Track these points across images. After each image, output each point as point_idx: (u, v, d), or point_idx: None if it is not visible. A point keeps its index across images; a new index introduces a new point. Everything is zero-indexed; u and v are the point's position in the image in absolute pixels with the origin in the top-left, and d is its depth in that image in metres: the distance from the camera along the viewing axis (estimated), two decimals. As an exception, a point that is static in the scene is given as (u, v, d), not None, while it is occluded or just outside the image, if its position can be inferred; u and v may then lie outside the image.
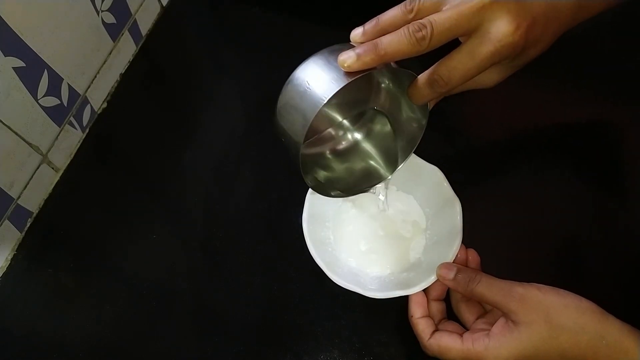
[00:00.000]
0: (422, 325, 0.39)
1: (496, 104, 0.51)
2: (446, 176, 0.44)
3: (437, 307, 0.41)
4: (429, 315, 0.40)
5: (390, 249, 0.46)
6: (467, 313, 0.40)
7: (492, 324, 0.37)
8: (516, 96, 0.50)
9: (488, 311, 0.40)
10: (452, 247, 0.41)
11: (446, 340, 0.37)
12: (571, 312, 0.34)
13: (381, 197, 0.45)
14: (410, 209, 0.47)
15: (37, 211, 0.52)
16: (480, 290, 0.37)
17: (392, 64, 0.35)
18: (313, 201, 0.44)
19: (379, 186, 0.44)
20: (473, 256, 0.42)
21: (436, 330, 0.39)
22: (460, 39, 0.35)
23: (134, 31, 0.59)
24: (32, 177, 0.50)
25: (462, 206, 0.43)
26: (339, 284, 0.40)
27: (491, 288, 0.36)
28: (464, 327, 0.40)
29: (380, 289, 0.41)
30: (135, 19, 0.59)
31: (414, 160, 0.44)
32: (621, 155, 0.50)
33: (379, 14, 0.36)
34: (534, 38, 0.35)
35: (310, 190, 0.44)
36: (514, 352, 0.34)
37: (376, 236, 0.46)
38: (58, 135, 0.52)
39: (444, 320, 0.41)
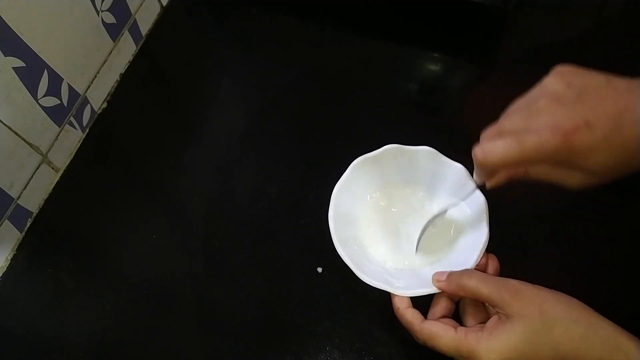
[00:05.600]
0: (410, 313, 0.39)
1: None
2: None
3: (444, 305, 0.40)
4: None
5: (412, 246, 0.45)
6: (470, 317, 0.38)
7: None
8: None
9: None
10: (478, 245, 0.41)
11: (439, 327, 0.37)
12: (564, 305, 0.34)
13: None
14: (435, 206, 0.47)
15: (37, 211, 0.52)
16: (473, 283, 0.36)
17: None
18: (338, 201, 0.44)
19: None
20: (493, 262, 0.41)
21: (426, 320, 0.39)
22: None
23: (134, 31, 0.59)
24: (32, 177, 0.50)
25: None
26: (368, 282, 0.40)
27: (485, 281, 0.36)
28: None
29: (408, 287, 0.41)
30: (135, 19, 0.59)
31: (439, 159, 0.45)
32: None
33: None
34: (586, 144, 0.32)
35: (335, 189, 0.44)
36: (507, 346, 0.33)
37: (399, 233, 0.46)
38: (58, 135, 0.52)
39: (443, 317, 0.40)
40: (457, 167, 0.44)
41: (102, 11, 0.53)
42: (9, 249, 0.50)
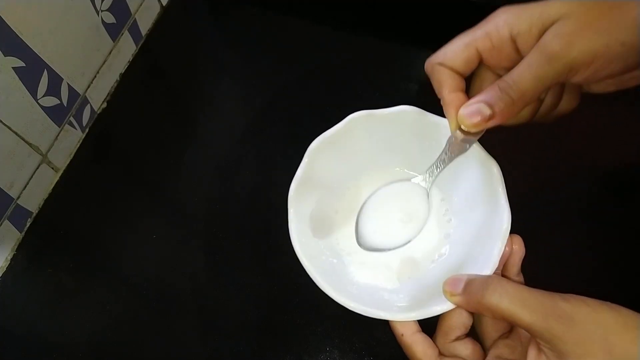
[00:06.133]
0: (421, 345, 0.30)
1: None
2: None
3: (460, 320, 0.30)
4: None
5: (408, 245, 0.34)
6: (489, 326, 0.30)
7: (518, 352, 0.28)
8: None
9: (513, 328, 0.30)
10: (497, 230, 0.30)
11: None
12: (632, 334, 0.24)
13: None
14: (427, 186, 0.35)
15: (36, 211, 0.52)
16: (505, 305, 0.26)
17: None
18: (299, 203, 0.34)
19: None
20: (518, 246, 0.31)
21: (442, 355, 0.29)
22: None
23: (134, 31, 0.59)
24: (31, 177, 0.50)
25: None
26: (357, 311, 0.31)
27: (523, 302, 0.26)
28: (479, 340, 0.31)
29: (412, 305, 0.30)
30: (135, 19, 0.59)
31: (426, 119, 0.33)
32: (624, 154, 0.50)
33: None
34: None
35: (292, 190, 0.35)
36: None
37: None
38: (58, 135, 0.52)
39: (459, 339, 0.30)
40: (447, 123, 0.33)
41: (102, 11, 0.53)
42: (8, 249, 0.50)
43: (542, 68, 0.27)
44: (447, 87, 0.31)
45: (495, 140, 0.35)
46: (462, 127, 0.30)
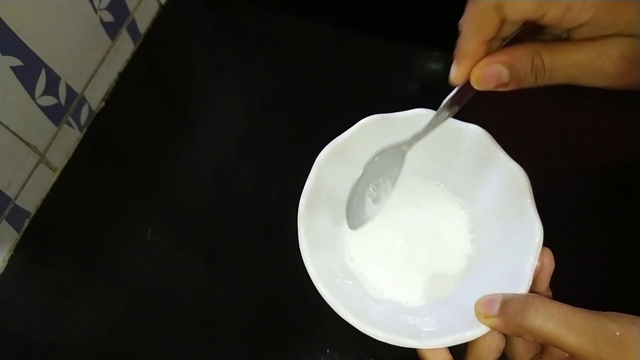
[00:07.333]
0: None
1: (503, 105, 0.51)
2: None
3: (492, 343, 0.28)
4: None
5: (431, 262, 0.33)
6: (520, 348, 0.28)
7: None
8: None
9: (545, 348, 0.29)
10: (529, 244, 0.28)
11: None
12: None
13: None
14: (447, 199, 0.34)
15: (34, 211, 0.51)
16: (550, 328, 0.24)
17: None
18: (309, 223, 0.32)
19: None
20: (549, 260, 0.29)
21: None
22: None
23: (132, 30, 0.59)
24: (29, 177, 0.50)
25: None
26: (382, 339, 0.29)
27: (568, 324, 0.24)
28: None
29: (442, 332, 0.28)
30: (133, 18, 0.59)
31: (449, 124, 0.31)
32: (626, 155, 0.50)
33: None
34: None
35: (301, 207, 0.32)
36: None
37: (408, 245, 0.35)
38: (56, 134, 0.51)
39: None
40: (472, 131, 0.32)
41: (100, 10, 0.53)
42: (6, 249, 0.49)
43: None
44: (482, 35, 0.27)
45: (498, 141, 0.36)
46: (470, 80, 0.27)
